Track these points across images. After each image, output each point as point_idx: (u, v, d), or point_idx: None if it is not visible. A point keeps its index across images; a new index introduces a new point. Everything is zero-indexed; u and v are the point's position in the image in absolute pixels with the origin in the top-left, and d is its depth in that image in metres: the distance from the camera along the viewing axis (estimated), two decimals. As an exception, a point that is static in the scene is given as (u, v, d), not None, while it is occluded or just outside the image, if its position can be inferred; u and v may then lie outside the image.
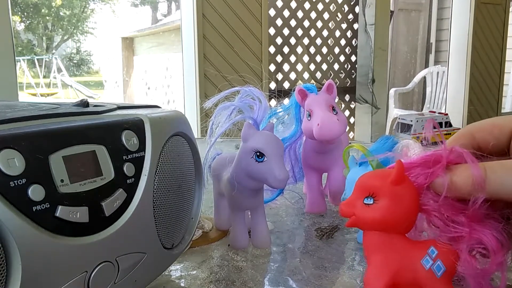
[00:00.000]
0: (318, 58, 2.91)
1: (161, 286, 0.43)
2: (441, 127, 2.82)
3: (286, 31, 2.73)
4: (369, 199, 0.31)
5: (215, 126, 0.54)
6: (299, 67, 2.84)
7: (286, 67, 2.79)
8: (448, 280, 0.31)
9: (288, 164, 0.65)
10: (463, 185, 0.29)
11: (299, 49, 2.83)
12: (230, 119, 0.52)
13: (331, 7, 2.89)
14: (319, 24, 2.86)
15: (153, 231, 0.36)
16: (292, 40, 2.77)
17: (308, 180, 0.65)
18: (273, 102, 1.12)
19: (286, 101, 0.68)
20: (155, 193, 0.36)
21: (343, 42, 2.99)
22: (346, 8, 2.96)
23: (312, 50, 2.88)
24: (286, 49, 2.77)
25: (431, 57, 4.72)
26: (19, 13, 10.35)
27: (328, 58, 2.95)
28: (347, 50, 3.02)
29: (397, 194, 0.30)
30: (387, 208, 0.30)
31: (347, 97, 3.06)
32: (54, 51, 10.96)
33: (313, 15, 2.82)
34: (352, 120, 3.08)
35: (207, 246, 0.52)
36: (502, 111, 3.92)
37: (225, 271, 0.46)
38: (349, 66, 3.05)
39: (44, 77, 8.41)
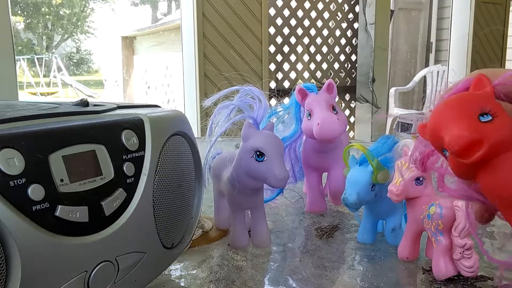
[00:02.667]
0: (318, 58, 2.91)
1: (161, 285, 0.43)
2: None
3: (286, 31, 2.73)
4: (486, 116, 0.24)
5: (214, 125, 0.54)
6: (299, 66, 2.84)
7: (286, 66, 2.79)
8: None
9: (288, 164, 0.65)
10: None
11: (299, 49, 2.82)
12: (230, 118, 0.52)
13: (331, 7, 2.89)
14: (319, 23, 2.85)
15: (153, 230, 0.36)
16: (292, 40, 2.77)
17: (308, 179, 0.65)
18: (273, 102, 1.11)
19: (286, 100, 0.67)
20: (155, 193, 0.36)
21: (343, 41, 2.99)
22: (346, 7, 2.96)
23: (312, 49, 2.88)
24: (286, 49, 2.77)
25: (431, 56, 4.71)
26: (19, 12, 10.35)
27: (328, 57, 2.95)
28: (347, 49, 3.02)
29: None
30: (505, 118, 0.25)
31: (347, 96, 3.06)
32: (54, 50, 10.95)
33: (313, 14, 2.82)
34: (352, 119, 3.08)
35: (207, 246, 0.52)
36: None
37: (225, 270, 0.46)
38: (349, 65, 3.05)
39: (44, 76, 8.41)
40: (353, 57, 3.04)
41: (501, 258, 0.48)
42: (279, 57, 2.75)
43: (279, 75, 2.78)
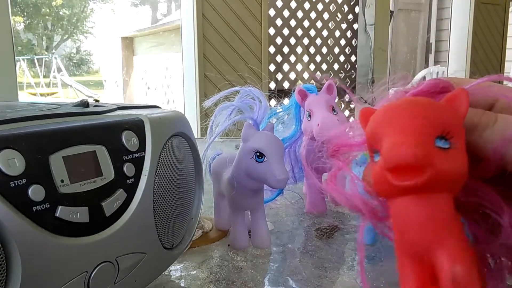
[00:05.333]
0: (318, 58, 2.91)
1: (161, 286, 0.43)
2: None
3: (286, 31, 2.74)
4: (444, 142, 0.20)
5: (215, 126, 0.54)
6: (299, 67, 2.84)
7: (286, 67, 2.79)
8: None
9: (288, 165, 0.65)
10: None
11: (299, 49, 2.83)
12: (230, 119, 0.52)
13: (331, 7, 2.89)
14: (319, 24, 2.86)
15: (153, 231, 0.36)
16: (292, 40, 2.77)
17: (308, 180, 0.65)
18: (273, 102, 1.12)
19: (286, 101, 0.68)
20: (155, 193, 0.36)
21: (343, 42, 3.00)
22: (346, 8, 2.96)
23: (312, 50, 2.88)
24: (286, 49, 2.77)
25: (431, 57, 4.72)
26: (19, 12, 10.35)
27: (328, 58, 2.96)
28: (347, 50, 3.02)
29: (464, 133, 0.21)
30: (465, 153, 0.20)
31: (346, 97, 3.06)
32: (54, 50, 10.96)
33: (313, 15, 2.82)
34: (352, 120, 3.09)
35: (207, 246, 0.52)
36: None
37: (225, 271, 0.46)
38: (349, 66, 3.05)
39: (44, 76, 8.40)
40: (353, 58, 3.05)
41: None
42: (278, 58, 2.75)
43: (279, 76, 2.78)
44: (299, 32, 2.79)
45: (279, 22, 2.70)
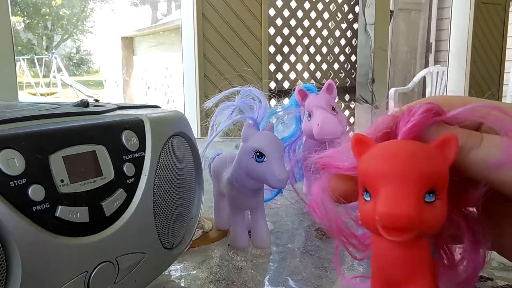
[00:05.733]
0: (318, 58, 2.92)
1: (161, 286, 0.43)
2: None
3: (286, 31, 2.74)
4: (431, 195, 0.21)
5: (216, 126, 0.54)
6: (299, 66, 2.84)
7: (286, 66, 2.79)
8: None
9: (288, 164, 0.65)
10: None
11: (299, 49, 2.83)
12: (231, 118, 0.52)
13: (331, 7, 2.89)
14: (319, 24, 2.86)
15: (153, 231, 0.36)
16: (292, 40, 2.77)
17: (308, 180, 0.65)
18: (272, 102, 1.12)
19: (286, 101, 0.68)
20: (155, 193, 0.36)
21: (343, 42, 3.00)
22: (346, 8, 2.96)
23: (312, 50, 2.88)
24: (286, 49, 2.77)
25: (431, 57, 4.72)
26: (19, 12, 10.35)
27: (328, 58, 2.96)
28: (347, 50, 3.02)
29: None
30: (446, 202, 0.21)
31: (347, 97, 3.07)
32: (54, 50, 10.96)
33: (313, 14, 2.82)
34: (352, 120, 3.09)
35: (207, 246, 0.52)
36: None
37: (225, 271, 0.46)
38: (349, 66, 3.05)
39: (44, 76, 8.41)
40: (353, 58, 3.05)
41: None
42: (278, 58, 2.76)
43: (279, 76, 2.78)
44: (299, 31, 2.79)
45: (279, 21, 2.70)
